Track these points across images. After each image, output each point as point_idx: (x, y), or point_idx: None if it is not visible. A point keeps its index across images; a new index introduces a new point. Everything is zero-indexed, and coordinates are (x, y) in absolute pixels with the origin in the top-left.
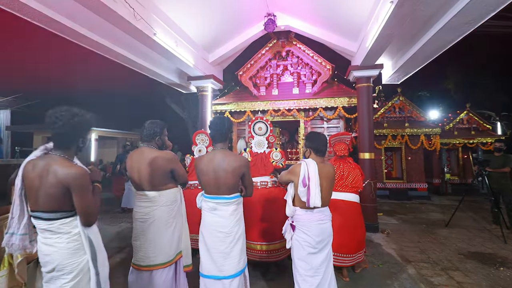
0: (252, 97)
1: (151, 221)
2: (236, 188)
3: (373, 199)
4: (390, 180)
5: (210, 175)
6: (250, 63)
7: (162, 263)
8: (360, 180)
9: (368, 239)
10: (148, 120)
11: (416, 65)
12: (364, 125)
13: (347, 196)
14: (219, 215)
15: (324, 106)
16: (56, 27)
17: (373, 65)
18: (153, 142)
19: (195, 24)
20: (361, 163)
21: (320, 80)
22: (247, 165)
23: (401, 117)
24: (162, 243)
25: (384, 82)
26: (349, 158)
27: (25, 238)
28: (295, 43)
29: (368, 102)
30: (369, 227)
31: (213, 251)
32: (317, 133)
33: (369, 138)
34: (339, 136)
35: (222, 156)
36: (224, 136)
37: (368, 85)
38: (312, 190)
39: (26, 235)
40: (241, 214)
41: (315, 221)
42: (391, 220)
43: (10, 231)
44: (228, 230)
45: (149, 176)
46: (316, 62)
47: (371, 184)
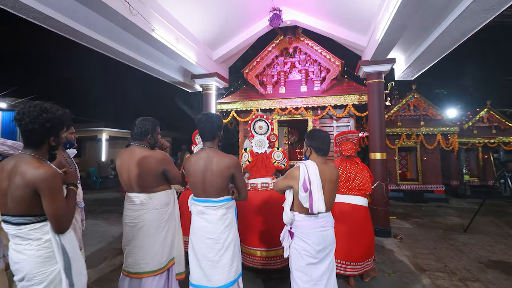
0: (258, 96)
1: (141, 225)
2: (225, 190)
3: (385, 202)
4: (405, 181)
5: (197, 176)
6: (256, 60)
7: (152, 270)
8: (368, 182)
9: (379, 244)
10: (160, 119)
11: (431, 59)
12: (375, 123)
13: (355, 200)
14: (206, 219)
15: (333, 104)
16: (52, 25)
17: (384, 59)
18: (144, 141)
19: (197, 20)
20: (372, 164)
21: (329, 77)
22: (237, 165)
23: (416, 116)
24: (153, 249)
25: (397, 78)
26: (356, 158)
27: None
28: (303, 39)
29: (379, 99)
30: (381, 231)
31: (201, 258)
32: (318, 130)
33: (380, 137)
34: (346, 134)
35: (209, 156)
36: (213, 134)
37: (379, 81)
38: (314, 194)
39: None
40: (232, 219)
41: (316, 228)
42: (404, 224)
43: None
44: (216, 237)
45: (138, 178)
46: (324, 58)
47: (383, 186)
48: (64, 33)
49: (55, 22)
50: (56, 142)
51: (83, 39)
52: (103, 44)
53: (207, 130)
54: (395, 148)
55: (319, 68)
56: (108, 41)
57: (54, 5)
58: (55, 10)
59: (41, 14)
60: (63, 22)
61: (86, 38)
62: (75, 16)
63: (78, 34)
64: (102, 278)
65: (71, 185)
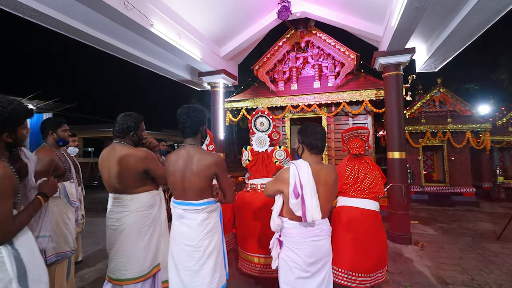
0: (269, 93)
1: (122, 229)
2: (206, 192)
3: (404, 205)
4: (430, 183)
5: (176, 176)
6: (266, 56)
7: (133, 278)
8: (380, 184)
9: (397, 252)
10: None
11: (455, 47)
12: (393, 119)
13: (364, 203)
14: (186, 224)
15: (348, 100)
16: (49, 22)
17: (402, 49)
18: (127, 138)
19: (201, 15)
20: (390, 164)
21: (344, 72)
22: (220, 164)
23: (442, 112)
24: (134, 254)
25: (419, 70)
26: (366, 157)
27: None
28: (315, 32)
29: (398, 93)
30: (399, 238)
31: (180, 267)
32: (312, 125)
33: (399, 135)
34: (354, 131)
35: (190, 154)
36: (194, 130)
37: (397, 73)
38: (307, 200)
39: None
40: (215, 224)
41: (308, 237)
42: (428, 230)
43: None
44: (196, 244)
45: (118, 177)
46: (338, 51)
47: (402, 188)
48: (63, 31)
49: (52, 19)
50: (14, 139)
51: (83, 37)
52: (108, 44)
53: (187, 125)
54: (419, 147)
55: (333, 63)
56: (114, 40)
57: (50, 3)
58: (52, 8)
59: (36, 12)
60: (60, 19)
61: (89, 37)
62: (73, 14)
63: (82, 34)
64: (101, 279)
65: (41, 195)
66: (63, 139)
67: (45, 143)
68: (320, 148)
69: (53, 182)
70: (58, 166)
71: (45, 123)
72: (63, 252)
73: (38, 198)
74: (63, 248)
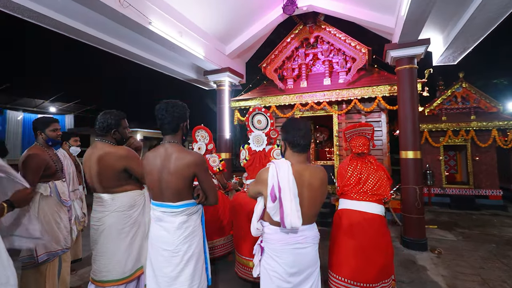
0: (278, 91)
1: (102, 229)
2: (185, 194)
3: (419, 209)
4: (452, 185)
5: (153, 175)
6: (274, 53)
7: (115, 279)
8: (385, 185)
9: (410, 259)
10: (191, 121)
11: (474, 36)
12: (407, 116)
13: (366, 207)
14: (164, 227)
15: (359, 97)
16: (48, 23)
17: (415, 40)
18: (108, 136)
19: (203, 13)
20: (403, 164)
21: (355, 67)
22: (201, 163)
23: (465, 108)
24: (115, 256)
25: (436, 63)
26: (370, 156)
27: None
28: (324, 26)
29: (411, 88)
30: (413, 244)
31: (158, 273)
32: (295, 120)
33: (413, 133)
34: (357, 128)
35: (168, 152)
36: (174, 126)
37: (410, 67)
38: (286, 205)
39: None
40: (195, 228)
41: (290, 244)
42: (447, 236)
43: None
44: (174, 248)
45: (98, 176)
46: (349, 46)
47: (416, 190)
48: (63, 31)
49: (50, 20)
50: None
51: (84, 37)
52: (111, 44)
53: (166, 121)
54: (439, 146)
55: (344, 58)
56: (115, 40)
57: (48, 3)
58: (51, 9)
59: (34, 13)
60: (59, 20)
61: (90, 37)
62: (72, 14)
63: (83, 34)
64: None
65: (7, 203)
66: (52, 139)
67: (37, 143)
68: (303, 146)
69: (22, 193)
70: (49, 166)
71: (34, 123)
72: (54, 251)
73: (1, 205)
74: (54, 247)
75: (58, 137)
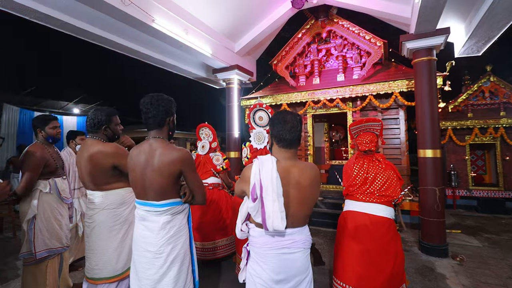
0: (289, 89)
1: (93, 226)
2: (170, 192)
3: (438, 212)
4: (480, 186)
5: (136, 172)
6: (284, 49)
7: (106, 277)
8: (394, 186)
9: (428, 266)
10: (206, 120)
11: (499, 23)
12: (425, 112)
13: (373, 209)
14: (147, 227)
15: (374, 93)
16: (55, 23)
17: (433, 30)
18: (99, 133)
19: (209, 10)
20: (421, 163)
21: (370, 62)
22: (186, 160)
23: (493, 104)
24: (106, 254)
25: (458, 55)
26: (378, 154)
27: None
28: (337, 20)
29: (430, 82)
30: (433, 249)
31: (141, 275)
32: (282, 112)
33: (431, 130)
34: (364, 123)
35: (152, 148)
36: (159, 121)
37: (429, 59)
38: (268, 205)
39: None
40: (181, 228)
41: (276, 248)
42: (472, 241)
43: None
44: (157, 250)
45: (88, 173)
46: (364, 40)
47: (436, 192)
48: (69, 31)
49: (56, 20)
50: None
51: (90, 37)
52: (116, 43)
53: (151, 115)
54: (465, 145)
55: (359, 53)
56: (121, 39)
57: (52, 4)
58: (56, 9)
59: (40, 14)
60: (64, 20)
61: (96, 37)
62: (76, 14)
63: (89, 34)
64: None
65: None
66: (52, 137)
67: (37, 140)
68: (290, 141)
69: (2, 189)
70: (48, 163)
71: (34, 121)
72: (54, 248)
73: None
74: (54, 244)
75: (58, 135)
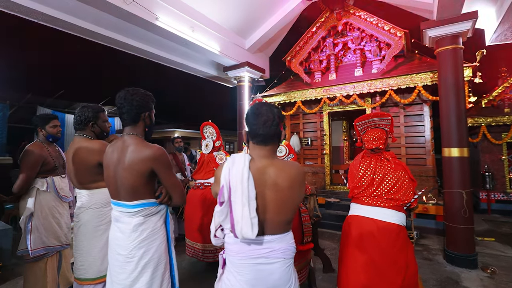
0: (304, 85)
1: (79, 225)
2: (141, 192)
3: (466, 218)
4: None
5: (109, 171)
6: (298, 45)
7: (91, 278)
8: (405, 188)
9: (452, 278)
10: (220, 120)
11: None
12: (450, 106)
13: (380, 213)
14: (120, 229)
15: (395, 88)
16: (61, 25)
17: (458, 15)
18: (87, 130)
19: (216, 6)
20: (446, 164)
21: (390, 54)
22: (159, 158)
23: None
24: (91, 254)
25: (490, 42)
26: (387, 153)
27: None
28: (353, 11)
29: (456, 73)
30: (460, 259)
31: (114, 279)
32: (258, 104)
33: (457, 126)
34: (371, 118)
35: (125, 144)
36: (133, 116)
37: (454, 47)
38: (236, 210)
39: None
40: (155, 231)
41: (251, 258)
42: (507, 251)
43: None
44: (128, 253)
45: (73, 170)
46: (382, 31)
47: (463, 196)
48: (76, 32)
49: (63, 22)
50: None
51: (98, 38)
52: (124, 43)
53: (124, 110)
54: (502, 143)
55: (378, 45)
56: (128, 39)
57: (57, 6)
58: (62, 11)
59: (47, 16)
60: (71, 22)
61: (103, 37)
62: (82, 15)
63: (96, 35)
64: None
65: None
66: (52, 135)
67: (38, 139)
68: (264, 137)
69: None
70: (47, 161)
71: (35, 120)
72: (52, 246)
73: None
74: (52, 242)
75: (58, 134)
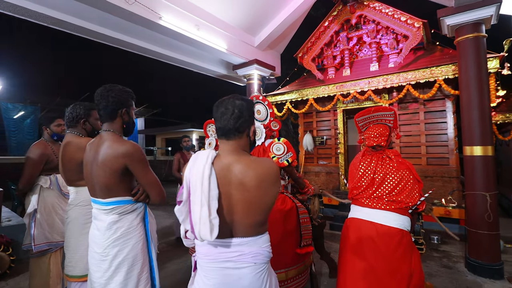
0: (316, 82)
1: (67, 222)
2: (116, 189)
3: (490, 223)
4: None
5: (87, 168)
6: (310, 40)
7: (78, 275)
8: (409, 190)
9: None
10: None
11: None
12: (471, 101)
13: (381, 217)
14: (97, 226)
15: (413, 82)
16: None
17: (479, 0)
18: (78, 127)
19: (222, 4)
20: (468, 163)
21: (407, 46)
22: (134, 155)
23: None
24: (78, 251)
25: None
26: (390, 150)
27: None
28: (367, 2)
29: (478, 64)
30: (483, 268)
31: (91, 277)
32: (226, 97)
33: (481, 122)
34: (372, 113)
35: (101, 141)
36: (110, 113)
37: (475, 36)
38: (195, 210)
39: None
40: (130, 230)
41: (217, 261)
42: None
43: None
44: (102, 251)
45: (63, 167)
46: (399, 22)
47: (487, 199)
48: (84, 34)
49: (69, 25)
50: None
51: (104, 39)
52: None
53: (101, 106)
54: None
55: (395, 37)
56: (134, 39)
57: (64, 9)
58: (68, 14)
59: (53, 19)
60: (77, 24)
61: (108, 38)
62: (88, 17)
63: (102, 36)
64: None
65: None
66: (57, 134)
67: (42, 138)
68: (223, 130)
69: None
70: (50, 160)
71: (40, 119)
72: (55, 242)
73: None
74: (55, 237)
75: (63, 132)
